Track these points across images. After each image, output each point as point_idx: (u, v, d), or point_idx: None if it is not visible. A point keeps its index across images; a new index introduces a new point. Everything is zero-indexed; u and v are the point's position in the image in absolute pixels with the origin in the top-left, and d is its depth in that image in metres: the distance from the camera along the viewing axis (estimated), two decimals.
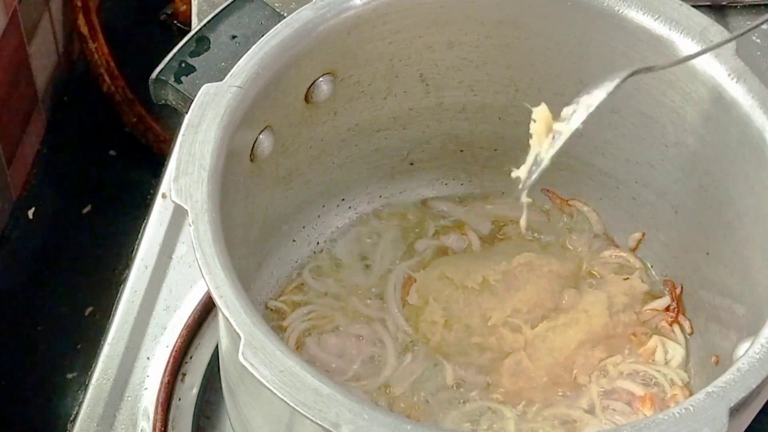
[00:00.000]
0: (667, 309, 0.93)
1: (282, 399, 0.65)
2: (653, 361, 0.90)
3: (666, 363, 0.90)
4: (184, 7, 1.54)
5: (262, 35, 0.80)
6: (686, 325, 0.92)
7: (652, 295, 0.94)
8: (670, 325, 0.92)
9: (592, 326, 0.90)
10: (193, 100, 0.77)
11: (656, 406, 0.87)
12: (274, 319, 0.91)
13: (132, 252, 1.01)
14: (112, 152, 1.50)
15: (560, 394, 0.88)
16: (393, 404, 0.87)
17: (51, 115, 1.48)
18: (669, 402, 0.88)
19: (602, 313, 0.91)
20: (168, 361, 0.95)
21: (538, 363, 0.89)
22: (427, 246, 0.96)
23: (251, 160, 0.81)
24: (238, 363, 0.66)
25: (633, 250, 0.96)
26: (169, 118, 1.46)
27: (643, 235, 0.95)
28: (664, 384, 0.89)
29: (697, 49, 0.81)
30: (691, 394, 0.88)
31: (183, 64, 0.86)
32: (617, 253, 0.96)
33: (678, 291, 0.93)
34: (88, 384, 0.95)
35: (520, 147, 0.96)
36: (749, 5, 1.13)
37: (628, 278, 0.94)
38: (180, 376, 0.95)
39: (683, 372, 0.90)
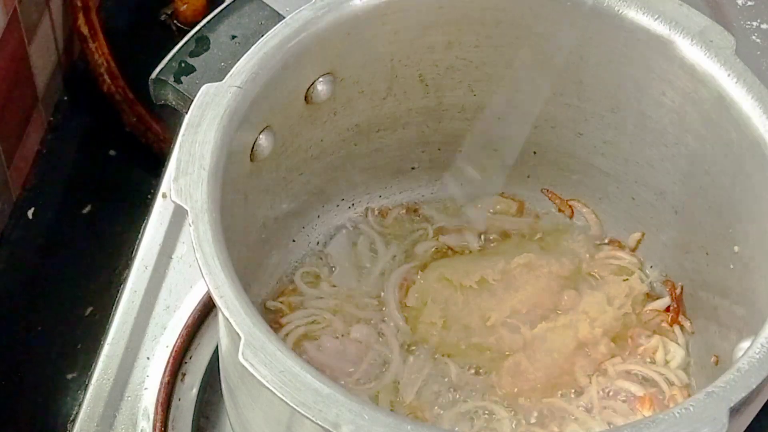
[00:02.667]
0: (667, 309, 0.93)
1: (282, 399, 0.65)
2: (653, 361, 0.90)
3: (666, 363, 0.90)
4: (184, 7, 1.55)
5: (262, 35, 0.80)
6: (686, 325, 0.92)
7: (652, 296, 0.94)
8: (671, 325, 0.92)
9: (592, 327, 0.90)
10: (192, 100, 0.76)
11: (655, 406, 0.87)
12: (271, 319, 0.91)
13: (132, 252, 1.01)
14: (112, 152, 1.50)
15: (560, 394, 0.88)
16: (395, 405, 0.87)
17: (51, 115, 1.47)
18: (668, 402, 0.88)
19: (602, 314, 0.91)
20: (168, 361, 0.95)
21: (538, 364, 0.89)
22: (427, 248, 0.96)
23: (251, 160, 0.81)
24: (238, 363, 0.66)
25: (633, 250, 0.96)
26: (169, 118, 1.46)
27: (643, 235, 0.95)
28: (663, 385, 0.89)
29: (698, 50, 0.81)
30: (690, 395, 0.88)
31: (183, 64, 0.86)
32: (617, 254, 0.96)
33: (678, 291, 0.93)
34: (88, 384, 0.95)
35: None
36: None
37: (627, 279, 0.94)
38: (180, 376, 0.95)
39: (682, 372, 0.90)
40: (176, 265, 1.01)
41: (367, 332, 0.91)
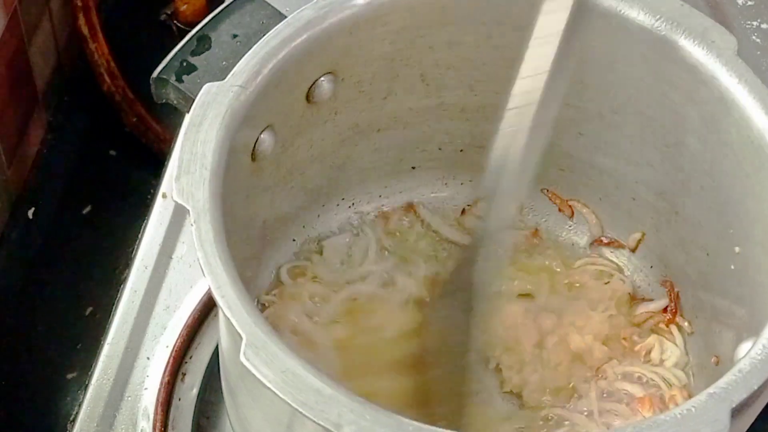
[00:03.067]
0: (665, 310, 0.93)
1: (283, 399, 0.65)
2: (650, 360, 0.90)
3: (662, 362, 0.90)
4: (184, 7, 1.54)
5: (263, 34, 0.80)
6: (685, 325, 0.92)
7: (637, 296, 0.94)
8: (667, 326, 0.92)
9: (582, 335, 0.90)
10: (194, 99, 0.77)
11: (655, 407, 0.87)
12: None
13: (132, 252, 1.01)
14: (112, 152, 1.50)
15: (560, 402, 0.88)
16: None
17: (51, 115, 1.47)
18: (668, 403, 0.88)
19: (588, 321, 0.90)
20: (168, 361, 0.95)
21: (534, 376, 0.89)
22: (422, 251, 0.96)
23: (252, 159, 0.81)
24: (239, 363, 0.66)
25: (633, 250, 0.96)
26: (169, 118, 1.46)
27: (643, 235, 0.95)
28: (662, 385, 0.89)
29: (699, 50, 0.81)
30: (690, 395, 0.88)
31: (184, 63, 0.86)
32: (596, 260, 0.96)
33: (676, 291, 0.93)
34: (88, 384, 0.95)
35: None
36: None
37: (608, 282, 0.94)
38: (180, 376, 0.95)
39: (681, 372, 0.90)
40: (176, 265, 1.01)
41: None
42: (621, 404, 0.88)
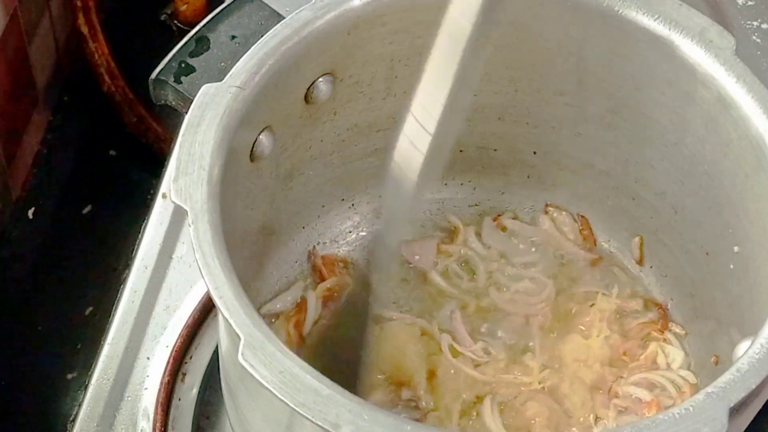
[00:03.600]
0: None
1: (282, 400, 0.65)
2: (657, 367, 0.90)
3: (668, 367, 0.90)
4: (184, 7, 1.54)
5: (262, 35, 0.80)
6: (677, 330, 0.92)
7: (624, 309, 0.94)
8: (662, 332, 0.92)
9: (591, 368, 0.90)
10: (192, 101, 0.77)
11: (662, 409, 0.87)
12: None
13: (132, 252, 1.01)
14: (112, 152, 1.50)
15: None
16: None
17: (51, 115, 1.47)
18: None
19: (588, 351, 0.90)
20: (168, 361, 0.95)
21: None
22: None
23: (251, 160, 0.81)
24: (238, 363, 0.66)
25: (632, 249, 0.96)
26: (169, 118, 1.46)
27: (642, 239, 0.95)
28: (670, 388, 0.89)
29: (698, 50, 0.81)
30: None
31: (183, 65, 0.86)
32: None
33: (665, 305, 0.93)
34: (88, 384, 0.95)
35: (519, 147, 0.96)
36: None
37: (593, 304, 0.94)
38: (180, 376, 0.95)
39: (688, 372, 0.90)
40: (176, 265, 1.01)
41: None
42: (635, 417, 0.87)
